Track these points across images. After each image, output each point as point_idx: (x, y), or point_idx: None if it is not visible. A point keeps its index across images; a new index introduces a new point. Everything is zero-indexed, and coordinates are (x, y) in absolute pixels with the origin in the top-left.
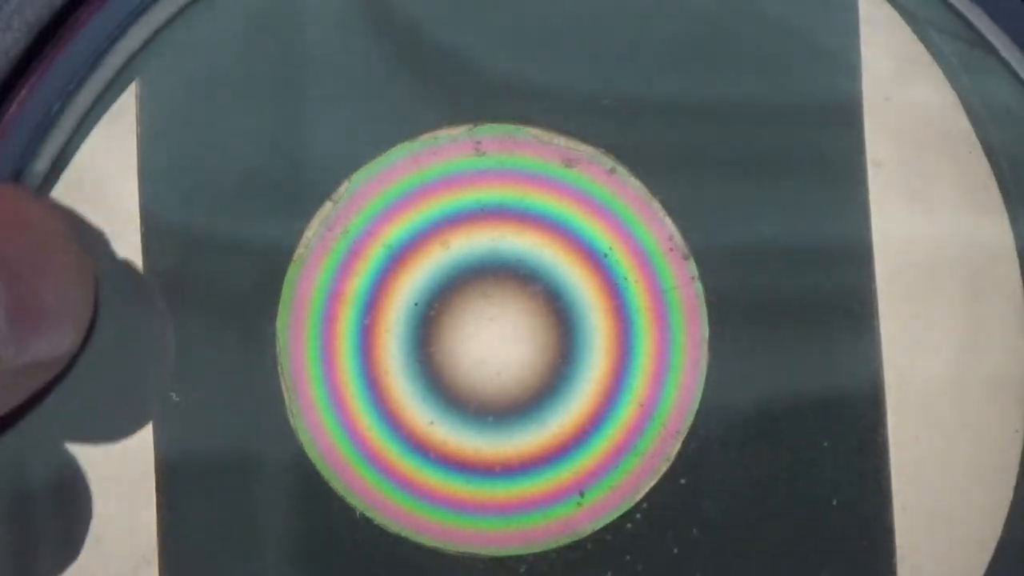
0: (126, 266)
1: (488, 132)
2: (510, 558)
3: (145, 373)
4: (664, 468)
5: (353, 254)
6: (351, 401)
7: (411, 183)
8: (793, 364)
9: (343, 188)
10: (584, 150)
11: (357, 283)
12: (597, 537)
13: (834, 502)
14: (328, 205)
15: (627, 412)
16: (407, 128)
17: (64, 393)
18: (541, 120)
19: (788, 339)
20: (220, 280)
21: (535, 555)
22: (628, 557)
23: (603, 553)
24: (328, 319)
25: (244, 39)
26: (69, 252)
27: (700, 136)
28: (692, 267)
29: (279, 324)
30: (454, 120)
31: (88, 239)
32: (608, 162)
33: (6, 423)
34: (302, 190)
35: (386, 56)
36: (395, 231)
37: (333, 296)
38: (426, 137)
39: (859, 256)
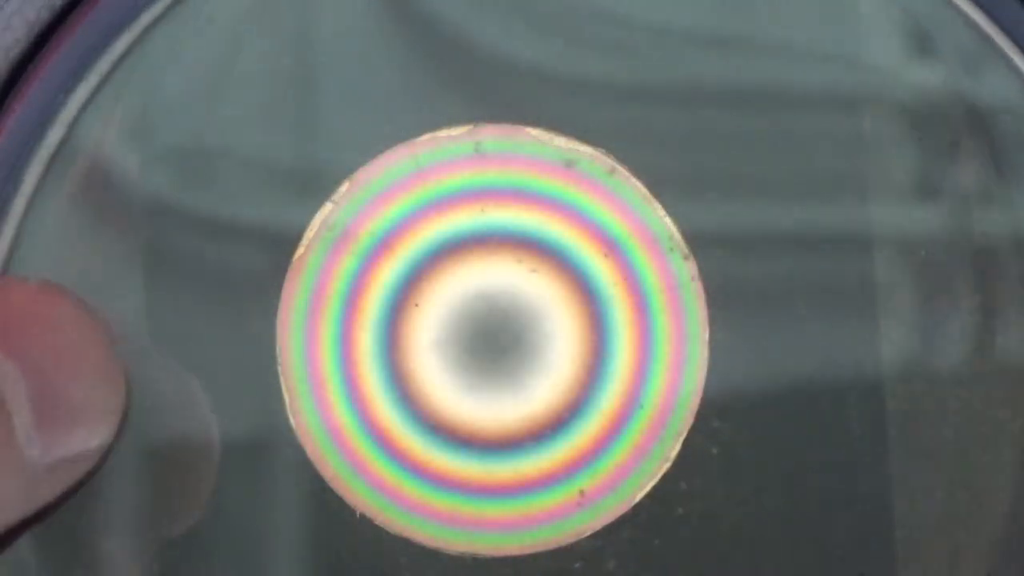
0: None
1: (488, 132)
2: (509, 558)
3: (189, 471)
4: (664, 469)
5: (353, 254)
6: (352, 401)
7: (411, 183)
8: (794, 365)
9: (343, 188)
10: (584, 150)
11: (357, 283)
12: (597, 537)
13: (835, 501)
14: (328, 205)
15: (627, 412)
16: (407, 128)
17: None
18: (541, 120)
19: (789, 339)
20: (220, 280)
21: (535, 555)
22: (628, 557)
23: (603, 553)
24: (329, 319)
25: (245, 40)
26: (97, 346)
27: (701, 137)
28: (692, 267)
29: (279, 324)
30: (454, 120)
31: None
32: (608, 162)
33: (38, 519)
34: (302, 190)
35: (386, 57)
36: (395, 231)
37: (333, 297)
38: (426, 137)
39: (862, 256)
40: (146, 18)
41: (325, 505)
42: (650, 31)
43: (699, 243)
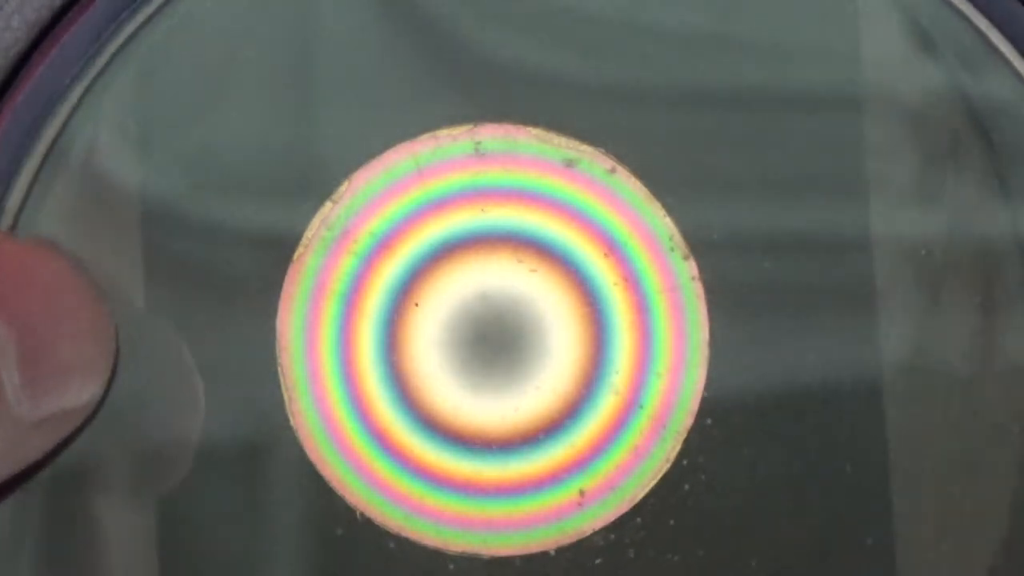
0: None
1: (488, 132)
2: (510, 558)
3: (173, 426)
4: (664, 468)
5: (353, 254)
6: (352, 400)
7: (411, 183)
8: (794, 365)
9: (343, 188)
10: (584, 150)
11: (357, 283)
12: (597, 537)
13: (834, 501)
14: (328, 205)
15: (627, 412)
16: (407, 128)
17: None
18: (541, 120)
19: (789, 339)
20: (219, 279)
21: (535, 555)
22: (628, 557)
23: (603, 553)
24: (328, 319)
25: (244, 37)
26: (86, 303)
27: (701, 136)
28: (692, 267)
29: (278, 324)
30: (454, 120)
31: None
32: (608, 162)
33: (28, 476)
34: (302, 190)
35: (386, 56)
36: (395, 230)
37: (333, 296)
38: (426, 137)
39: (862, 256)
40: (144, 17)
41: (325, 505)
42: (650, 31)
43: (699, 243)
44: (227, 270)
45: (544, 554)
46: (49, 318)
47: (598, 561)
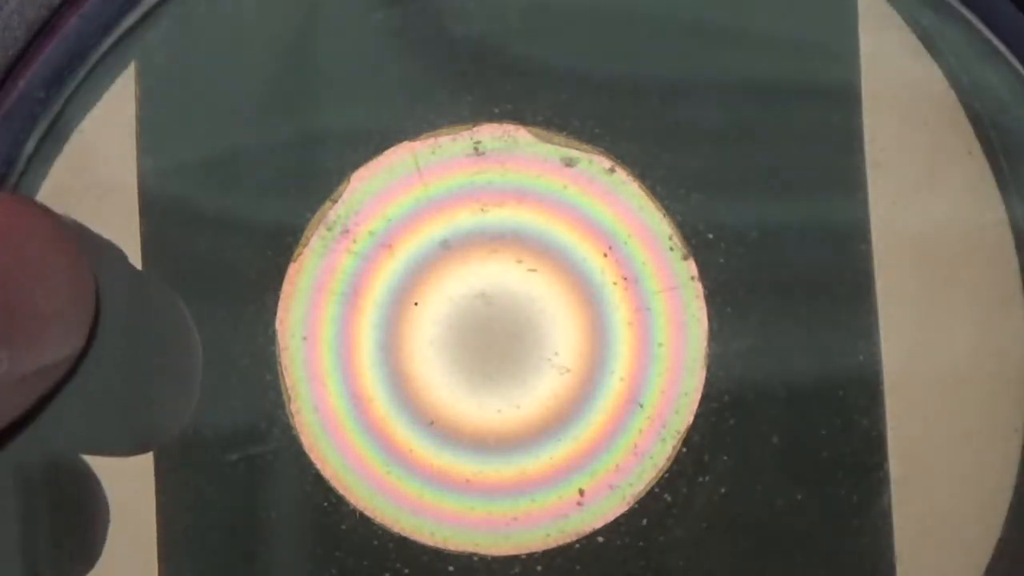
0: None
1: (488, 132)
2: (510, 558)
3: (166, 386)
4: (664, 468)
5: (353, 254)
6: (352, 400)
7: (411, 182)
8: (793, 363)
9: (343, 188)
10: (584, 150)
11: (357, 282)
12: (597, 537)
13: (833, 500)
14: (328, 205)
15: (627, 412)
16: (407, 128)
17: (73, 400)
18: (541, 120)
19: (788, 338)
20: (219, 279)
21: (535, 555)
22: (628, 557)
23: (603, 553)
24: (328, 318)
25: (244, 37)
26: (64, 256)
27: (701, 136)
28: (692, 267)
29: (279, 323)
30: (454, 120)
31: (95, 248)
32: (608, 162)
33: (10, 432)
34: (302, 189)
35: (387, 56)
36: (395, 230)
37: (333, 295)
38: (426, 137)
39: (861, 254)
40: (144, 15)
41: (325, 504)
42: (649, 31)
43: (699, 243)
44: (228, 269)
45: (544, 553)
46: (27, 273)
47: (598, 561)
